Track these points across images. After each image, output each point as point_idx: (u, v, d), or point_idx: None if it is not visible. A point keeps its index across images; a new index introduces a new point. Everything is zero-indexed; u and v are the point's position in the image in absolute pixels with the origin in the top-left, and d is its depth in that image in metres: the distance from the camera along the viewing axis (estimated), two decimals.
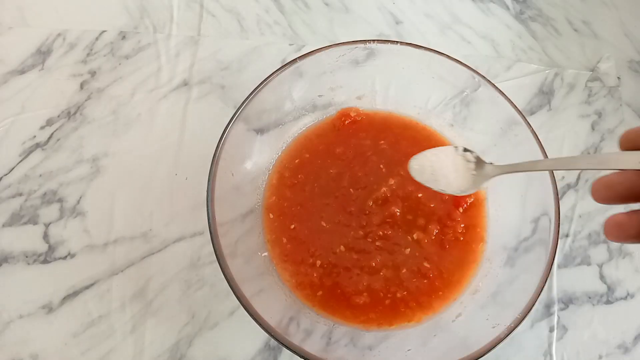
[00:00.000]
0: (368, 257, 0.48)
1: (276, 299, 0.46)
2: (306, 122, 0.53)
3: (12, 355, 0.47)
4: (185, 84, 0.58)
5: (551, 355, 0.49)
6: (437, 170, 0.43)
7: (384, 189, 0.50)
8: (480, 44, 0.62)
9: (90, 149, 0.55)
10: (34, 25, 0.60)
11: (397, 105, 0.54)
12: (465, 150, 0.43)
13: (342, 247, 0.48)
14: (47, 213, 0.52)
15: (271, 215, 0.49)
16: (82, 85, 0.57)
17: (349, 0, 0.64)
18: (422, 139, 0.53)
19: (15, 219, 0.52)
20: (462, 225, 0.49)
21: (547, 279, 0.41)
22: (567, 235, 0.54)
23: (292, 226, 0.49)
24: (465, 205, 0.50)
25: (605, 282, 0.52)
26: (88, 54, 0.59)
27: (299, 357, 0.39)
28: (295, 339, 0.40)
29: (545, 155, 0.45)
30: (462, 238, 0.49)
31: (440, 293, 0.47)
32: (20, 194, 0.53)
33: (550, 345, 0.50)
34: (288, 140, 0.53)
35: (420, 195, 0.50)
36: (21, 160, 0.54)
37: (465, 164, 0.43)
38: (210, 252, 0.50)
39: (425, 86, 0.51)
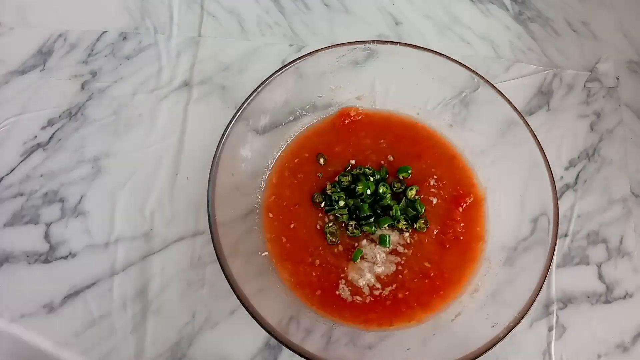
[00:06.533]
0: None
1: (276, 299, 0.46)
2: (306, 122, 0.53)
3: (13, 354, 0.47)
4: (185, 84, 0.58)
5: (550, 354, 0.49)
6: None
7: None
8: (480, 45, 0.62)
9: (92, 149, 0.55)
10: (35, 26, 0.60)
11: (396, 106, 0.54)
12: None
13: (340, 247, 0.48)
14: (48, 213, 0.52)
15: (270, 215, 0.49)
16: (83, 86, 0.57)
17: (348, 1, 0.64)
18: (421, 139, 0.53)
19: (16, 219, 0.52)
20: (462, 225, 0.49)
21: (545, 279, 0.42)
22: (565, 235, 0.54)
23: (292, 225, 0.49)
24: (465, 205, 0.50)
25: (604, 282, 0.52)
26: (89, 55, 0.59)
27: (299, 356, 0.39)
28: (296, 338, 0.40)
29: (544, 156, 0.45)
30: (462, 237, 0.49)
31: (441, 292, 0.47)
32: (22, 194, 0.53)
33: (549, 344, 0.50)
34: (288, 140, 0.53)
35: (420, 195, 0.50)
36: (22, 160, 0.54)
37: None
38: (211, 251, 0.50)
39: (425, 86, 0.52)
